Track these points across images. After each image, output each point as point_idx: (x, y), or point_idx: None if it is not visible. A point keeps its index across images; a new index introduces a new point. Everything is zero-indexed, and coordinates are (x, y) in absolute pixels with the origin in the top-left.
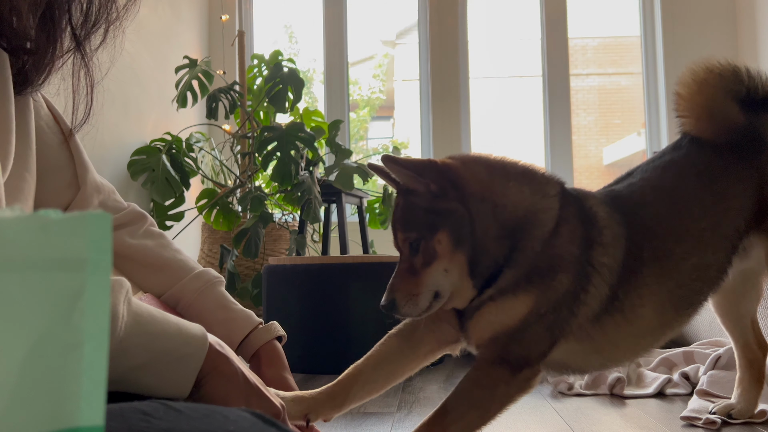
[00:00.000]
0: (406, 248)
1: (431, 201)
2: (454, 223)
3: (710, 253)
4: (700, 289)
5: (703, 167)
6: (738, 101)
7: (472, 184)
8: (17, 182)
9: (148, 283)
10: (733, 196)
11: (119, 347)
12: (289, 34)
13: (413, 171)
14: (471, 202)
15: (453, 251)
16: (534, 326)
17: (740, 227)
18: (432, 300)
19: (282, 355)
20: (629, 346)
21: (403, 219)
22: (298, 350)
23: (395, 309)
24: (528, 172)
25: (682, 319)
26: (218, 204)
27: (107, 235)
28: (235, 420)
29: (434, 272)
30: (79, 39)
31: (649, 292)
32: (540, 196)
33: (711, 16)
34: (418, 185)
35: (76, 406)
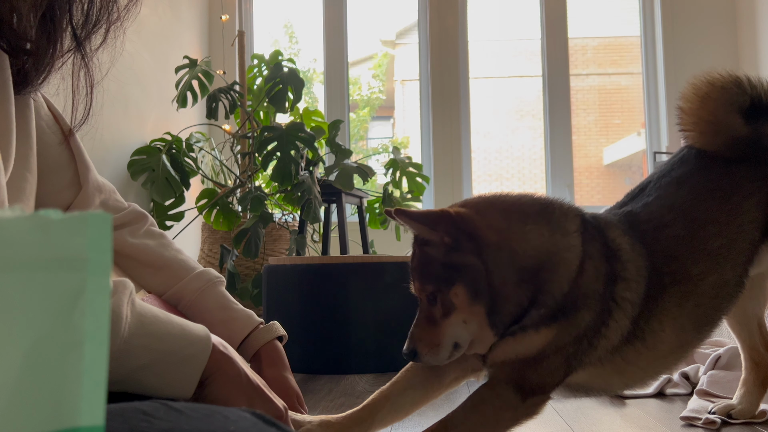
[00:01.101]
0: (424, 298)
1: (446, 254)
2: (471, 277)
3: (728, 269)
4: (719, 305)
5: (714, 184)
6: (742, 113)
7: (488, 234)
8: (18, 182)
9: (149, 283)
10: (747, 211)
11: (123, 348)
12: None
13: (426, 225)
14: (488, 253)
15: (471, 304)
16: (551, 358)
17: (755, 239)
18: (452, 350)
19: (283, 355)
20: (650, 368)
21: (420, 270)
22: (298, 350)
23: (417, 358)
24: (546, 209)
25: (703, 336)
26: (218, 204)
27: (107, 235)
28: (236, 420)
29: (453, 324)
30: (80, 39)
31: (669, 316)
32: (560, 234)
33: (711, 16)
34: (433, 236)
35: (76, 406)
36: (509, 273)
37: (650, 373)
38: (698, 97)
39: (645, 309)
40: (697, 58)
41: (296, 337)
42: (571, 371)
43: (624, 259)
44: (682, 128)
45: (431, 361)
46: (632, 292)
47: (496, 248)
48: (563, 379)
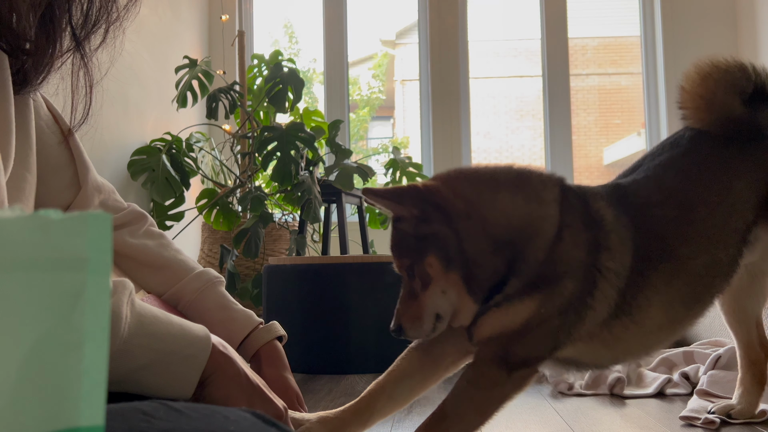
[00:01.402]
0: (404, 274)
1: (416, 227)
2: (441, 245)
3: (721, 250)
4: (710, 284)
5: (705, 164)
6: (741, 97)
7: (455, 204)
8: (18, 182)
9: (149, 283)
10: (738, 191)
11: (123, 348)
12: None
13: (392, 200)
14: (457, 222)
15: (446, 273)
16: (537, 330)
17: (748, 219)
18: (435, 322)
19: (282, 355)
20: (639, 343)
21: (397, 247)
22: (298, 350)
23: (403, 333)
24: (521, 177)
25: (694, 314)
26: (218, 204)
27: (107, 235)
28: (236, 420)
29: (432, 295)
30: (79, 39)
31: (656, 292)
32: (537, 203)
33: (711, 16)
34: (401, 211)
35: (76, 406)
36: (482, 241)
37: (639, 348)
38: (700, 76)
39: (632, 283)
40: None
41: (296, 337)
42: (559, 345)
43: (607, 229)
44: (680, 106)
45: (416, 335)
46: (616, 262)
47: (466, 217)
48: (550, 352)
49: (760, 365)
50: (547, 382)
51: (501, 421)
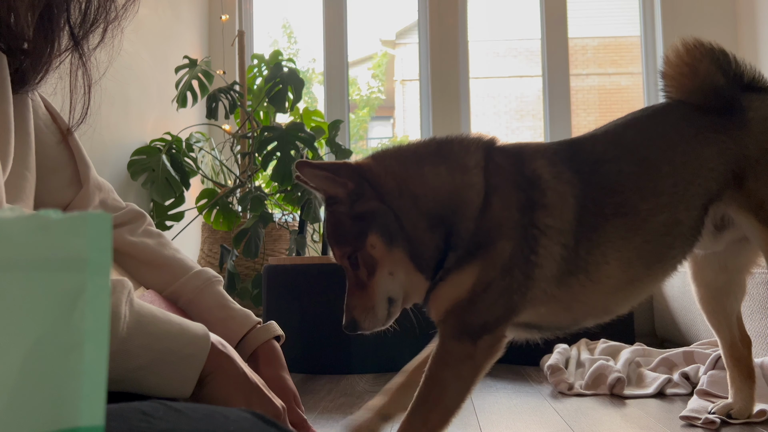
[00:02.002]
0: (347, 264)
1: (353, 206)
2: (380, 222)
3: (682, 211)
4: (671, 244)
5: (674, 126)
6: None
7: (387, 181)
8: (18, 181)
9: (148, 281)
10: (706, 158)
11: (122, 348)
12: (288, 34)
13: (329, 171)
14: (390, 199)
15: (389, 251)
16: (485, 294)
17: (711, 189)
18: (389, 307)
19: (280, 355)
20: (598, 303)
21: (334, 233)
22: (298, 350)
23: (358, 327)
24: (442, 148)
25: (655, 274)
26: (218, 204)
27: (107, 235)
28: (236, 420)
29: (380, 279)
30: (77, 38)
31: (613, 248)
32: (459, 172)
33: (711, 16)
34: (337, 187)
35: (76, 406)
36: (417, 217)
37: (599, 309)
38: (685, 48)
39: (584, 239)
40: None
41: (296, 337)
42: (515, 306)
43: (543, 186)
44: (663, 75)
45: (371, 325)
46: (555, 219)
47: (398, 193)
48: (508, 315)
49: (744, 361)
50: (547, 382)
51: (501, 421)
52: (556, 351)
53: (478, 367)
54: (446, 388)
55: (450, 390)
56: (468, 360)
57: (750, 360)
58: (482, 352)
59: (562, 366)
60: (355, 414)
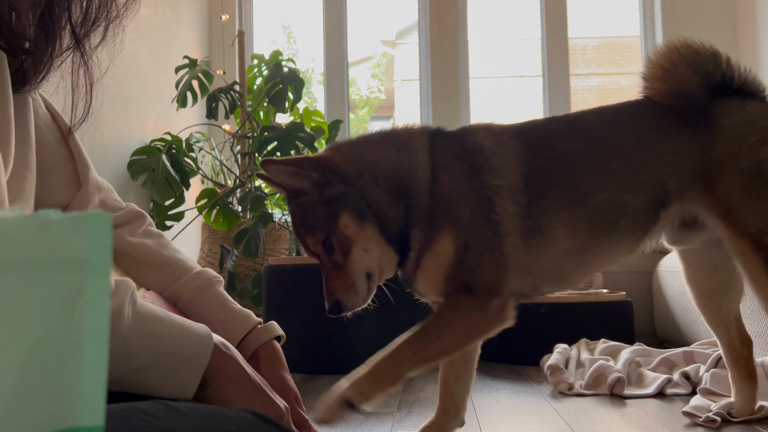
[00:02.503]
0: (321, 250)
1: (320, 193)
2: (349, 201)
3: (627, 193)
4: (615, 221)
5: (635, 117)
6: (705, 78)
7: (347, 167)
8: (18, 181)
9: (148, 281)
10: (663, 152)
11: (124, 348)
12: (288, 34)
13: (293, 166)
14: (353, 182)
15: (361, 228)
16: (469, 253)
17: (667, 184)
18: (368, 282)
19: (281, 355)
20: (553, 267)
21: (305, 223)
22: (298, 350)
23: (342, 308)
24: (389, 134)
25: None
26: (218, 204)
27: (107, 235)
28: (236, 420)
29: (357, 257)
30: (79, 37)
31: (559, 216)
32: (407, 153)
33: (711, 16)
34: (302, 180)
35: (76, 406)
36: (380, 194)
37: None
38: (668, 49)
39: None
40: None
41: (296, 337)
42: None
43: (486, 153)
44: (642, 76)
45: (355, 303)
46: (502, 179)
47: (358, 176)
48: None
49: (745, 361)
50: (547, 382)
51: (501, 421)
52: (556, 351)
53: (488, 323)
54: (450, 328)
55: (454, 330)
56: (479, 311)
57: (751, 360)
58: (493, 310)
59: (562, 366)
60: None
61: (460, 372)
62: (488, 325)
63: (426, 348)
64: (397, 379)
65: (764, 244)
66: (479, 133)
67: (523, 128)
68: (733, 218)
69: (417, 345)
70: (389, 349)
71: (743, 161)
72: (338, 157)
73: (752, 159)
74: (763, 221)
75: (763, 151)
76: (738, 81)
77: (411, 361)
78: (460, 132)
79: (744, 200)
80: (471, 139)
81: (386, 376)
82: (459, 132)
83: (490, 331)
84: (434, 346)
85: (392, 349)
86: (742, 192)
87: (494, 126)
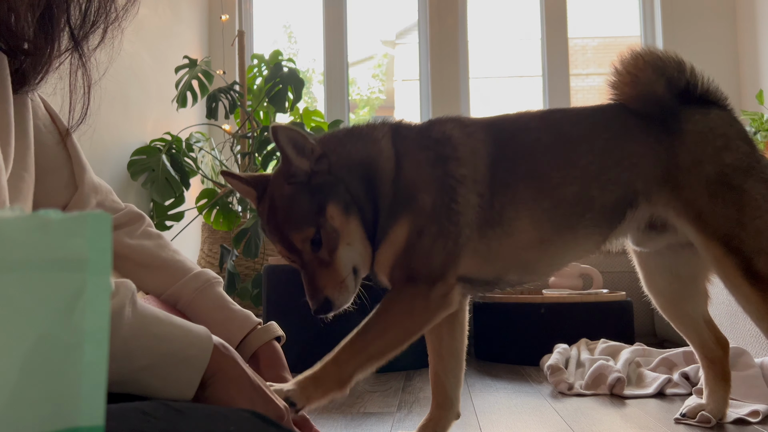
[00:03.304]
0: (308, 246)
1: (310, 179)
2: (336, 192)
3: (595, 188)
4: (582, 214)
5: (605, 118)
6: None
7: (330, 156)
8: (16, 182)
9: (147, 283)
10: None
11: (124, 349)
12: (289, 34)
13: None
14: (336, 170)
15: (347, 220)
16: (420, 240)
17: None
18: (354, 276)
19: (281, 356)
20: (515, 257)
21: (291, 218)
22: (298, 350)
23: (332, 306)
24: (352, 129)
25: (566, 240)
26: (218, 204)
27: (107, 235)
28: (236, 420)
29: (343, 252)
30: (77, 39)
31: (524, 207)
32: (371, 144)
33: (711, 16)
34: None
35: (76, 406)
36: (357, 184)
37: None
38: (632, 56)
39: (498, 193)
40: (697, 58)
41: (296, 337)
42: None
43: (454, 143)
44: (609, 83)
45: (344, 299)
46: (467, 169)
47: (338, 166)
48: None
49: (719, 362)
50: (547, 382)
51: (501, 421)
52: (556, 351)
53: (430, 311)
54: (394, 323)
55: (398, 325)
56: (421, 299)
57: (726, 362)
58: (436, 297)
59: (562, 366)
60: None
61: (450, 365)
62: (431, 312)
63: (368, 346)
64: (342, 383)
65: (734, 247)
66: (448, 124)
67: (494, 121)
68: (702, 223)
69: (359, 344)
70: (335, 350)
71: (708, 166)
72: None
73: (717, 164)
74: (730, 226)
75: (727, 156)
76: (701, 89)
77: (355, 362)
78: (425, 124)
79: (711, 205)
80: (439, 128)
81: (331, 380)
82: (426, 124)
83: (434, 318)
84: (377, 343)
85: (336, 352)
86: (709, 197)
87: (464, 118)
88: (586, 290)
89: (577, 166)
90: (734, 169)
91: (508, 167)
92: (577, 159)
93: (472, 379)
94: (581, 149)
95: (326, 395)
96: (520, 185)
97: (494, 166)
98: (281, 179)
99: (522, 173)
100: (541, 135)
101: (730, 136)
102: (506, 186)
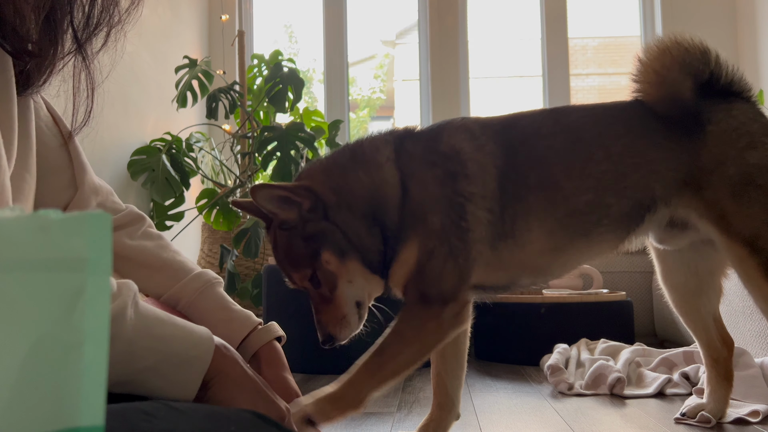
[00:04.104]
0: (308, 284)
1: (304, 227)
2: (330, 240)
3: (611, 196)
4: (597, 221)
5: (625, 121)
6: (695, 79)
7: (328, 195)
8: (17, 182)
9: (147, 284)
10: (650, 159)
11: (127, 350)
12: (289, 34)
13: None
14: (333, 215)
15: (343, 264)
16: (431, 262)
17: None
18: (358, 310)
19: (282, 356)
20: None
21: (288, 260)
22: (298, 350)
23: (336, 340)
24: (355, 151)
25: (580, 246)
26: (218, 204)
27: (107, 235)
28: (237, 420)
29: (343, 290)
30: (81, 41)
31: (536, 218)
32: (375, 170)
33: (711, 16)
34: (292, 210)
35: (76, 406)
36: (358, 225)
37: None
38: (659, 50)
39: (508, 206)
40: None
41: (296, 338)
42: (465, 270)
43: (464, 159)
44: (634, 78)
45: (347, 334)
46: (477, 186)
47: (337, 207)
48: (462, 279)
49: (724, 362)
50: (547, 382)
51: (501, 421)
52: (556, 351)
53: (443, 331)
54: (407, 344)
55: (411, 347)
56: (433, 320)
57: (730, 362)
58: (448, 317)
59: (562, 366)
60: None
61: (451, 366)
62: (443, 332)
63: (383, 367)
64: (359, 402)
65: (759, 247)
66: (458, 135)
67: (506, 125)
68: (726, 224)
69: (374, 366)
70: (352, 371)
71: (732, 168)
72: (317, 186)
73: (741, 165)
74: (756, 225)
75: (752, 156)
76: (725, 80)
77: (371, 383)
78: (433, 134)
79: (735, 206)
80: (449, 141)
81: (348, 399)
82: (436, 131)
83: (446, 338)
84: (392, 364)
85: (353, 372)
86: (733, 198)
87: (475, 126)
88: (586, 290)
89: (592, 175)
90: (759, 168)
91: (519, 179)
92: (593, 167)
93: (472, 379)
94: (597, 156)
95: (343, 414)
96: (530, 197)
97: (504, 179)
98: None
99: (534, 184)
100: (556, 141)
101: (755, 133)
102: (517, 198)
